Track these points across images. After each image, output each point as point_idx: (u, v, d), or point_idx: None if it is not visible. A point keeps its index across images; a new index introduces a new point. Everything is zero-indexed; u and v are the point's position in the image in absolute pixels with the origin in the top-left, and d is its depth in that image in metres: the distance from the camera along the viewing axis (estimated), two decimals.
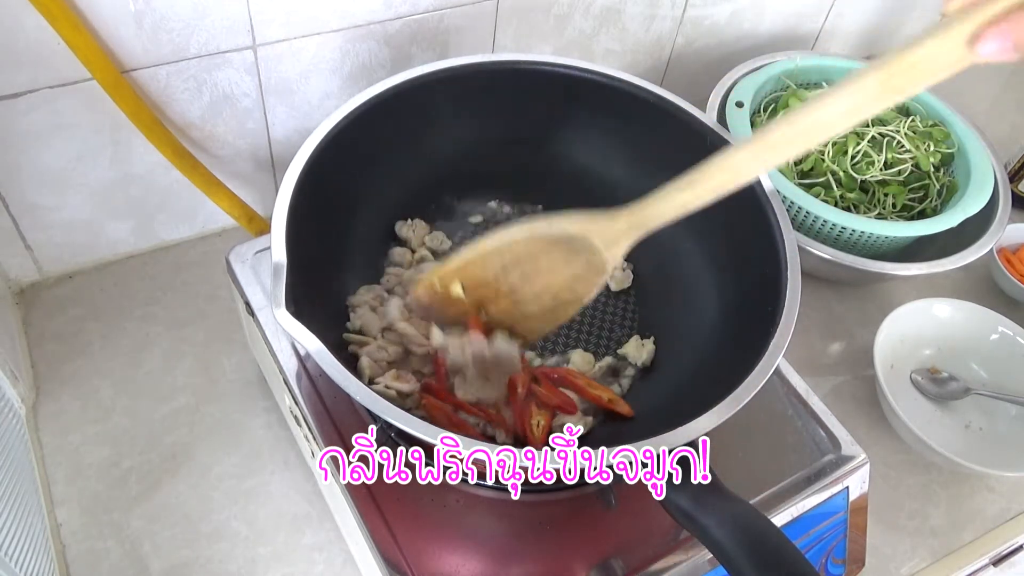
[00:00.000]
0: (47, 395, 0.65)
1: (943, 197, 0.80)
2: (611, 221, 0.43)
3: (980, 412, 0.74)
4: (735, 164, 0.38)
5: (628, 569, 0.50)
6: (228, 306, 0.72)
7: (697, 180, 0.39)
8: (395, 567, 0.48)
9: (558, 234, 0.43)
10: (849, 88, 0.34)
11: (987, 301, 0.78)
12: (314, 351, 0.42)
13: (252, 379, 0.68)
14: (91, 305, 0.71)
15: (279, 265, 0.45)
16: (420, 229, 0.62)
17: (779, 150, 0.37)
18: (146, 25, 0.59)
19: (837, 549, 0.57)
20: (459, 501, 0.51)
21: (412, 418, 0.41)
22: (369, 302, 0.56)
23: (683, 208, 0.40)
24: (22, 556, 0.50)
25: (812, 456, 0.57)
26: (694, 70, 0.95)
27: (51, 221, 0.68)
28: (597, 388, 0.55)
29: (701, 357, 0.56)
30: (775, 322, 0.48)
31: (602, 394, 0.54)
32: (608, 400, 0.54)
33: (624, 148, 0.63)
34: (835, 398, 0.75)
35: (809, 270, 0.66)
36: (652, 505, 0.44)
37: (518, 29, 0.77)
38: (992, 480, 0.71)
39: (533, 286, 0.45)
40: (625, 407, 0.54)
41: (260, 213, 0.72)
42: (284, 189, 0.49)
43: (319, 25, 0.66)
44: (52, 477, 0.61)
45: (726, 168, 0.38)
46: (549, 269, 0.44)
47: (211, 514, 0.61)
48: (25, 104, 0.59)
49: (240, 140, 0.71)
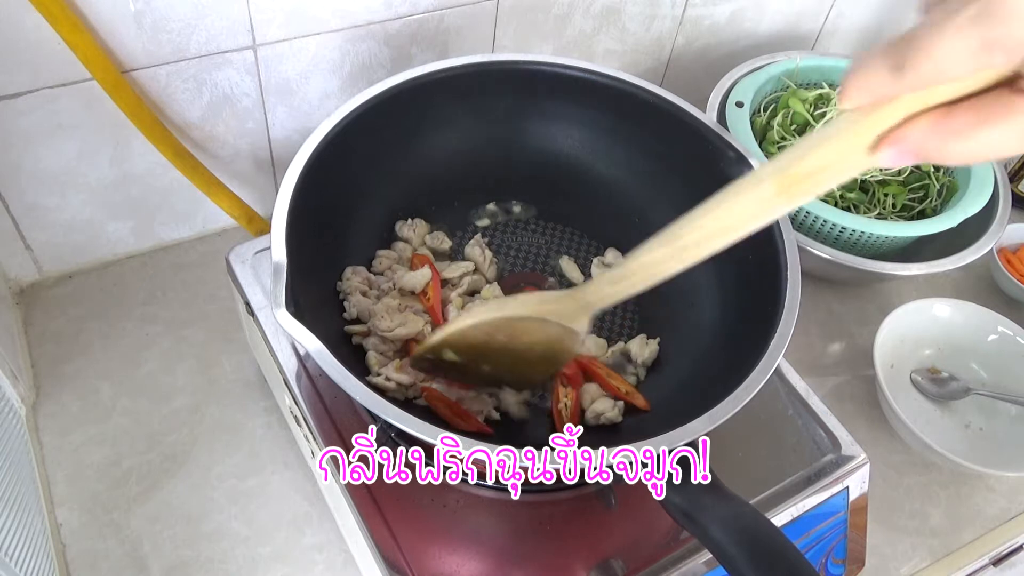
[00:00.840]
0: (47, 395, 0.65)
1: (943, 197, 0.80)
2: (565, 302, 0.44)
3: (980, 412, 0.74)
4: (655, 261, 0.39)
5: (628, 569, 0.50)
6: (228, 306, 0.72)
7: (622, 276, 0.41)
8: (395, 567, 0.48)
9: (523, 316, 0.45)
10: (748, 194, 0.34)
11: (987, 301, 0.78)
12: (314, 351, 0.42)
13: (252, 379, 0.68)
14: (91, 305, 0.71)
15: (279, 265, 0.45)
16: (420, 228, 0.62)
17: (691, 251, 0.37)
18: (146, 25, 0.59)
19: (837, 549, 0.57)
20: (459, 501, 0.51)
21: (412, 418, 0.41)
22: (358, 286, 0.56)
23: (620, 295, 0.42)
24: (22, 556, 0.50)
25: (812, 456, 0.57)
26: (694, 70, 0.95)
27: (51, 221, 0.68)
28: (615, 379, 0.55)
29: (701, 357, 0.56)
30: (775, 322, 0.48)
31: (620, 385, 0.55)
32: (625, 392, 0.54)
33: (624, 148, 0.63)
34: (835, 398, 0.75)
35: (809, 270, 0.66)
36: (652, 505, 0.44)
37: (518, 29, 0.77)
38: (992, 480, 0.71)
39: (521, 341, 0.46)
40: (641, 399, 0.54)
41: (260, 213, 0.72)
42: (284, 189, 0.49)
43: (319, 25, 0.66)
44: (52, 477, 0.61)
45: (647, 265, 0.39)
46: (529, 331, 0.45)
47: (211, 514, 0.61)
48: (25, 104, 0.59)
49: (240, 140, 0.71)
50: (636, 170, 0.62)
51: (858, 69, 0.27)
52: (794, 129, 0.82)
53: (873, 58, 0.26)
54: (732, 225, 0.35)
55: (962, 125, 0.26)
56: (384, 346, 0.53)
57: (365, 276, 0.57)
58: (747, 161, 0.55)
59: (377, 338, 0.53)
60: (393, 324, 0.53)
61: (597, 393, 0.55)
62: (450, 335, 0.46)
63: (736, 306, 0.56)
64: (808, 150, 0.31)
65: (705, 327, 0.57)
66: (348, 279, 0.56)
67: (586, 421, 0.54)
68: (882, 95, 0.27)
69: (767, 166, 0.33)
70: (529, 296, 0.45)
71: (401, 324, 0.53)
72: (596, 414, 0.53)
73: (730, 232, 0.36)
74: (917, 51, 0.25)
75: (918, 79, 0.25)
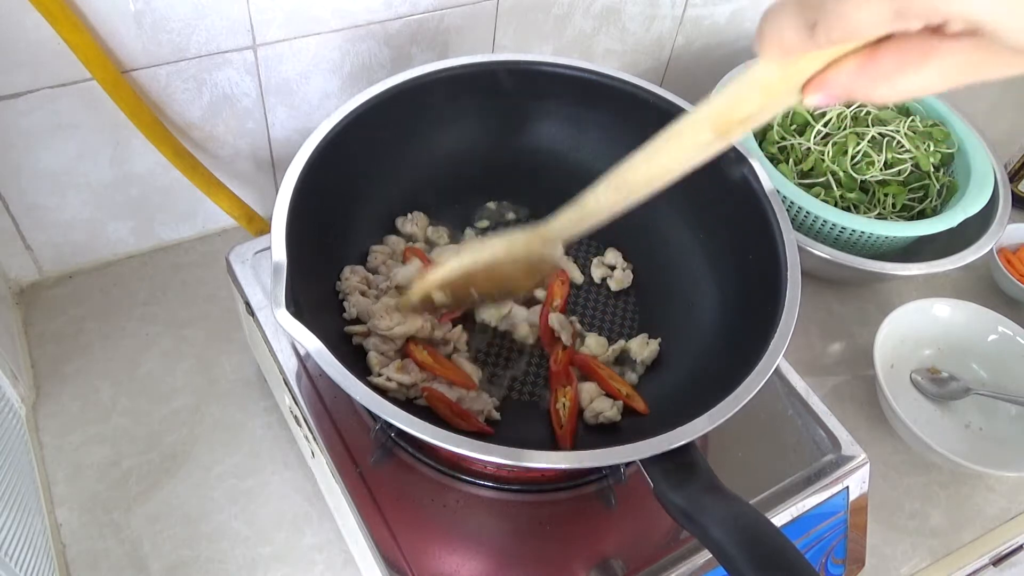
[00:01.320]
0: (47, 395, 0.65)
1: (943, 197, 0.80)
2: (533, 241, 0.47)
3: (980, 412, 0.74)
4: (608, 203, 0.41)
5: (628, 569, 0.50)
6: (228, 306, 0.72)
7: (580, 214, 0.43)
8: (395, 567, 0.48)
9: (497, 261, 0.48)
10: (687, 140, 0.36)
11: (987, 301, 0.78)
12: (314, 351, 0.42)
13: (252, 379, 0.68)
14: (91, 305, 0.71)
15: (279, 265, 0.45)
16: (421, 221, 0.62)
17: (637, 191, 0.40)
18: (146, 25, 0.59)
19: (837, 549, 0.57)
20: (459, 501, 0.51)
21: (412, 418, 0.41)
22: (357, 286, 0.56)
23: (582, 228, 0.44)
24: (22, 556, 0.50)
25: (812, 456, 0.57)
26: (694, 70, 0.95)
27: (51, 221, 0.68)
28: (616, 380, 0.56)
29: (701, 357, 0.56)
30: (775, 322, 0.48)
31: (620, 387, 0.55)
32: (626, 395, 0.54)
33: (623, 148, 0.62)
34: (835, 398, 0.75)
35: (809, 270, 0.66)
36: (652, 505, 0.44)
37: (518, 29, 0.77)
38: (992, 480, 0.71)
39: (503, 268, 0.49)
40: (641, 403, 0.54)
41: (260, 213, 0.72)
42: (284, 189, 0.49)
43: (319, 25, 0.66)
44: (52, 477, 0.61)
45: (602, 205, 0.42)
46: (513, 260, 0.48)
47: (211, 514, 0.61)
48: (25, 104, 0.59)
49: (240, 140, 0.71)
50: None
51: (771, 25, 0.27)
52: (794, 129, 0.82)
53: (785, 15, 0.26)
54: (673, 168, 0.38)
55: (887, 69, 0.26)
56: (385, 346, 0.53)
57: (364, 275, 0.57)
58: (747, 161, 0.55)
59: (377, 338, 0.53)
60: (392, 323, 0.53)
61: (596, 392, 0.55)
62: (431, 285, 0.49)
63: (736, 306, 0.56)
64: (741, 98, 0.33)
65: (705, 327, 0.57)
66: (347, 279, 0.56)
67: (585, 420, 0.54)
68: (795, 52, 0.27)
69: (702, 112, 0.35)
70: (496, 241, 0.47)
71: (400, 322, 0.53)
72: (595, 413, 0.53)
73: (672, 172, 0.38)
74: (828, 13, 0.25)
75: (829, 39, 0.26)
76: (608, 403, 0.54)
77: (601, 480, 0.53)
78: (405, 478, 0.52)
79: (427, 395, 0.50)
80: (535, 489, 0.52)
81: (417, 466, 0.52)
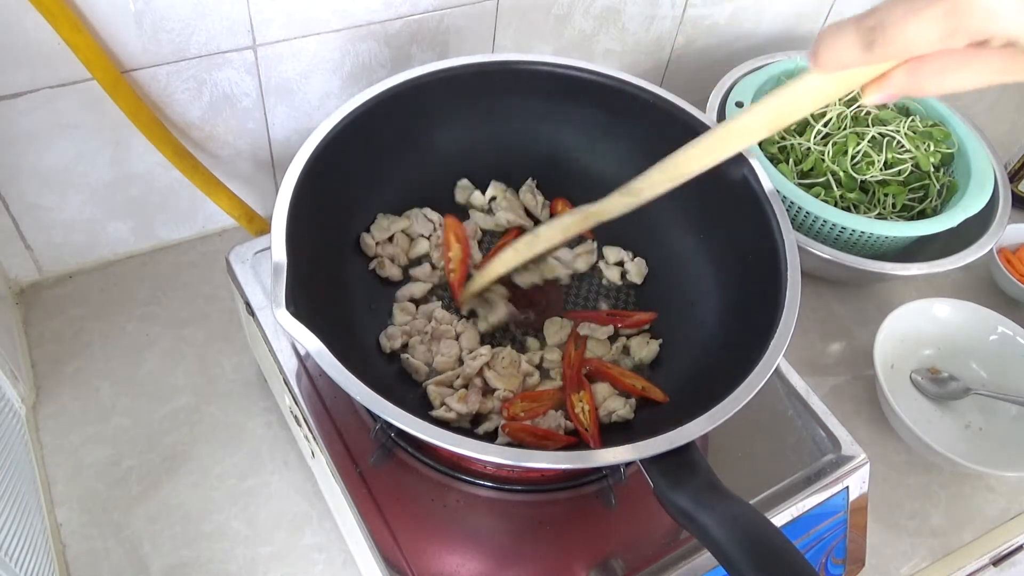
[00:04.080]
0: (47, 395, 0.65)
1: (943, 197, 0.80)
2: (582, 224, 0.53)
3: (980, 412, 0.74)
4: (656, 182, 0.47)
5: (628, 569, 0.50)
6: (228, 306, 0.72)
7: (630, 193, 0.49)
8: (395, 567, 0.48)
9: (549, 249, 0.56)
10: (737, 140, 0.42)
11: (987, 301, 0.78)
12: (314, 351, 0.42)
13: (252, 379, 0.68)
14: (91, 305, 0.71)
15: (279, 265, 0.45)
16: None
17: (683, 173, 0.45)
18: (146, 25, 0.59)
19: (837, 549, 0.57)
20: (459, 501, 0.51)
21: (412, 418, 0.41)
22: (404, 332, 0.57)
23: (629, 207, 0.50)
24: (22, 556, 0.50)
25: (812, 456, 0.57)
26: (694, 70, 0.95)
27: (51, 221, 0.68)
28: (630, 377, 0.56)
29: (701, 357, 0.56)
30: (775, 322, 0.48)
31: (635, 383, 0.55)
32: (642, 388, 0.55)
33: (623, 148, 0.63)
34: (835, 398, 0.75)
35: (809, 270, 0.66)
36: (652, 505, 0.44)
37: (518, 29, 0.77)
38: (992, 480, 0.71)
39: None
40: (659, 393, 0.55)
41: (260, 213, 0.72)
42: (284, 189, 0.49)
43: (319, 25, 0.66)
44: (52, 477, 0.61)
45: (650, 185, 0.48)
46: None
47: (211, 514, 0.61)
48: (25, 104, 0.59)
49: (240, 140, 0.71)
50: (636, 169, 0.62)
51: (829, 43, 0.31)
52: (794, 130, 0.82)
53: (845, 34, 0.31)
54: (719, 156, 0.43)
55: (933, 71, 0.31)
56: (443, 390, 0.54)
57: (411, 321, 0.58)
58: (747, 161, 0.55)
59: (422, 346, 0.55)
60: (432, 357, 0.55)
61: (607, 392, 0.55)
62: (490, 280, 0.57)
63: (736, 306, 0.56)
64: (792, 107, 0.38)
65: (705, 327, 0.57)
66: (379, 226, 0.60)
67: (599, 420, 0.54)
68: (852, 66, 0.32)
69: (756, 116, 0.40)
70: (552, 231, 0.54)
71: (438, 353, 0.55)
72: (608, 412, 0.54)
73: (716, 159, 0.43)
74: (887, 32, 0.29)
75: (886, 55, 0.30)
76: (620, 402, 0.54)
77: (601, 480, 0.53)
78: (405, 478, 0.52)
79: (509, 431, 0.51)
80: (535, 489, 0.52)
81: (417, 466, 0.52)
